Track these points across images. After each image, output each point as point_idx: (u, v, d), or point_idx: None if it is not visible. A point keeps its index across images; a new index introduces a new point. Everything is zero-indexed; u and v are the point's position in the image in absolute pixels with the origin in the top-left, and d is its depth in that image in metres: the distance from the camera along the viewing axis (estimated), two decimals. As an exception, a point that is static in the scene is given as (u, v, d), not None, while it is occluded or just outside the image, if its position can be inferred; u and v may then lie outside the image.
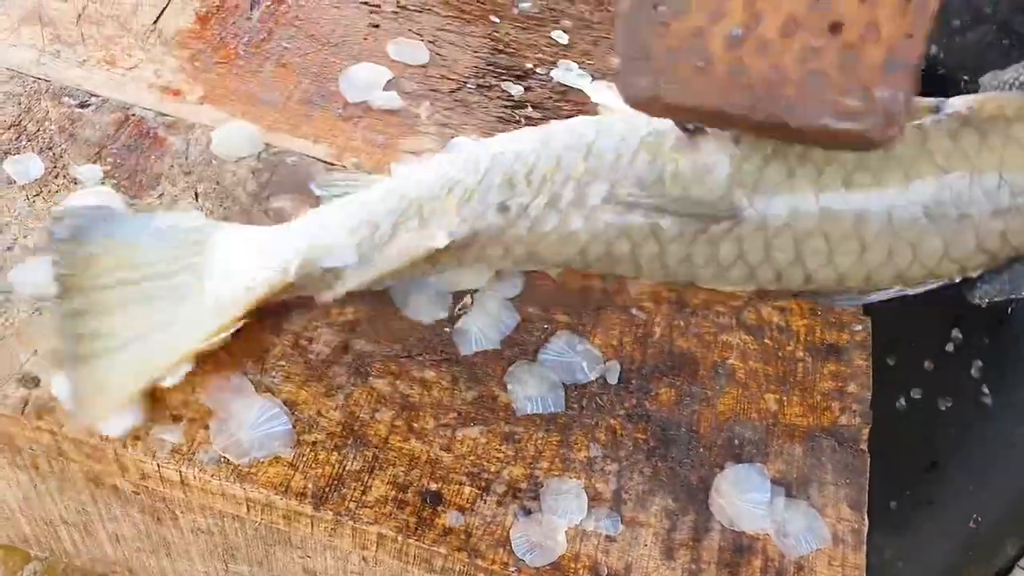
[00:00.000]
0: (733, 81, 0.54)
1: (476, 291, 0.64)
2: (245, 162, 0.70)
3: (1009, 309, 0.81)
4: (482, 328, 0.61)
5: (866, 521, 0.58)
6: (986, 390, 0.86)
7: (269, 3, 0.84)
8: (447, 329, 0.63)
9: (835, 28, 0.52)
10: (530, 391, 0.59)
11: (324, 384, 0.59)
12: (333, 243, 0.59)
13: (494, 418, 0.59)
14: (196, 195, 0.68)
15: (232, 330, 0.58)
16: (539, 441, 0.58)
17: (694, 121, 0.59)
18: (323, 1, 0.85)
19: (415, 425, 0.58)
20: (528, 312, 0.65)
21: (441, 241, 0.58)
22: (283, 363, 0.59)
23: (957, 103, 0.60)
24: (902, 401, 0.80)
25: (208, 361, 0.58)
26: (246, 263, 0.60)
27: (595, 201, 0.59)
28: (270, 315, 0.61)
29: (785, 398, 0.63)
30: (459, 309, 0.63)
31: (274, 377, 0.58)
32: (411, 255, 0.59)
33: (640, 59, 0.55)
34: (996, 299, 0.62)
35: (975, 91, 0.81)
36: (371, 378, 0.59)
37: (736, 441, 0.61)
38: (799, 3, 0.53)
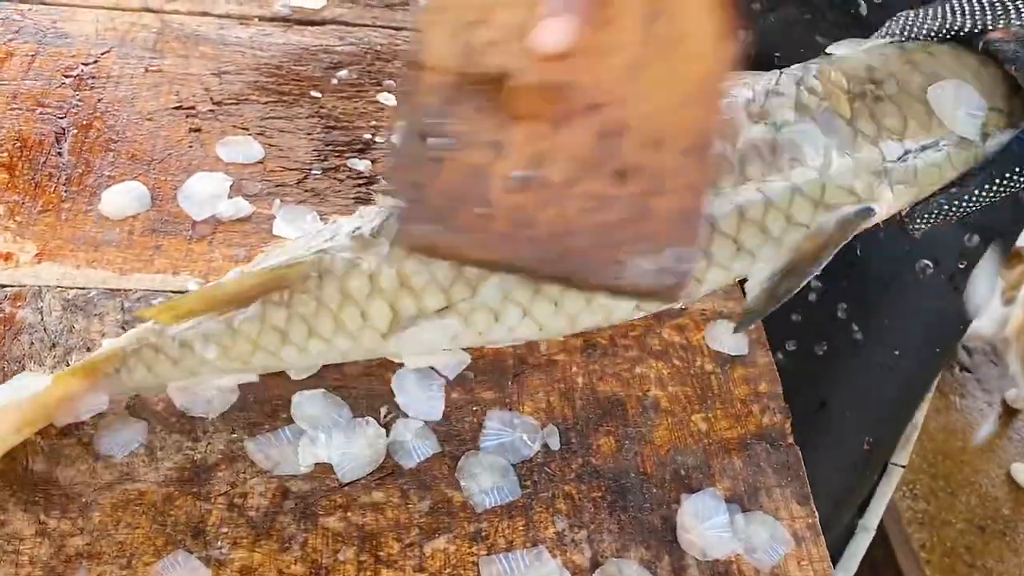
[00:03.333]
0: (518, 231, 0.49)
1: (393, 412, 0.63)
2: (111, 317, 0.65)
3: (858, 250, 0.87)
4: (416, 436, 0.60)
5: (816, 513, 0.62)
6: (855, 327, 0.93)
7: (75, 131, 0.78)
8: (380, 440, 0.61)
9: (622, 176, 0.49)
10: (484, 483, 0.59)
11: (275, 539, 0.56)
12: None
13: (456, 522, 0.58)
14: (68, 366, 0.62)
15: None
16: (506, 531, 0.58)
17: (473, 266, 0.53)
18: (134, 115, 0.80)
19: (381, 554, 0.56)
20: (452, 398, 0.64)
21: None
22: (225, 529, 0.56)
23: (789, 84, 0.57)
24: (780, 356, 0.84)
25: (146, 548, 0.54)
26: None
27: None
28: (194, 482, 0.58)
29: (711, 414, 0.66)
30: (384, 419, 0.62)
31: (220, 547, 0.55)
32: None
33: (415, 200, 0.49)
34: (935, 221, 0.58)
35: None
36: (320, 518, 0.57)
37: (682, 471, 0.63)
38: (583, 143, 0.49)
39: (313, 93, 0.85)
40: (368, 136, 0.82)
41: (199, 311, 0.57)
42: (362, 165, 0.79)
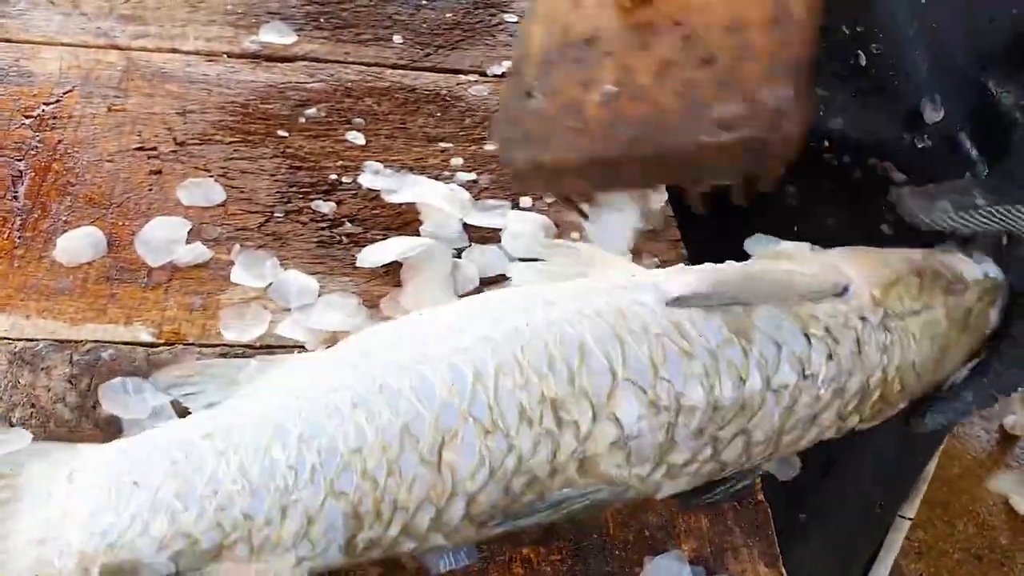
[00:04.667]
0: (612, 130, 0.55)
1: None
2: (58, 371, 0.63)
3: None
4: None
5: (784, 574, 0.60)
6: None
7: (33, 174, 0.76)
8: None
9: (710, 61, 0.55)
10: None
11: (218, 608, 0.54)
12: (143, 553, 0.51)
13: (408, 589, 0.56)
14: (11, 424, 0.60)
15: None
16: (459, 598, 0.56)
17: (577, 183, 0.60)
18: (94, 157, 0.78)
19: (328, 623, 0.54)
20: (408, 456, 0.62)
21: None
22: (165, 598, 0.54)
23: (863, 293, 0.59)
24: None
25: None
26: (44, 541, 0.51)
27: (455, 522, 0.53)
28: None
29: (678, 470, 0.64)
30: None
31: (160, 618, 0.53)
32: None
33: (519, 139, 0.59)
34: (944, 423, 0.63)
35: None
36: (267, 585, 0.55)
37: (646, 532, 0.61)
38: (670, 48, 0.56)
39: (280, 132, 0.84)
40: (334, 176, 0.81)
41: None
42: (327, 207, 0.78)
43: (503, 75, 0.93)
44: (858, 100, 0.78)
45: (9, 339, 0.65)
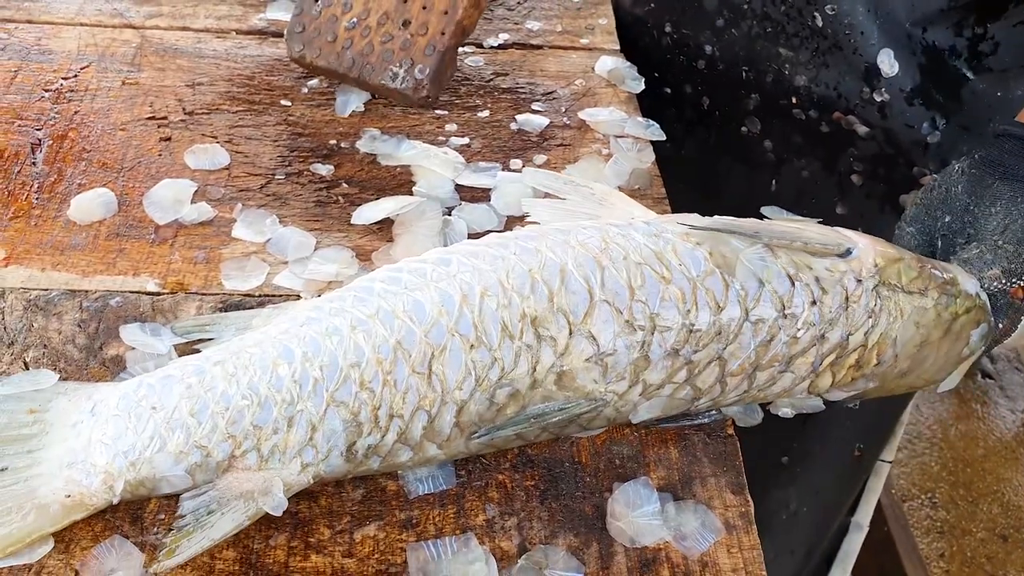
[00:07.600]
0: (344, 51, 0.83)
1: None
2: (69, 316, 0.68)
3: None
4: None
5: (751, 502, 0.62)
6: None
7: (51, 142, 0.81)
8: (319, 432, 0.62)
9: (407, 24, 0.83)
10: (420, 471, 0.60)
11: (210, 525, 0.58)
12: (161, 468, 0.56)
13: (387, 510, 0.59)
14: (26, 365, 0.65)
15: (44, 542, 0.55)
16: (437, 518, 0.59)
17: (322, 77, 0.89)
18: (108, 126, 0.83)
19: (312, 540, 0.58)
20: (393, 392, 0.65)
21: (279, 506, 0.55)
22: (162, 516, 0.58)
23: (867, 259, 0.63)
24: None
25: (84, 534, 0.56)
26: (72, 465, 0.56)
27: (446, 430, 0.58)
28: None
29: (651, 406, 0.67)
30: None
31: (156, 533, 0.57)
32: (247, 521, 0.56)
33: (299, 32, 0.85)
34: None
35: (762, 85, 0.86)
36: (256, 505, 0.59)
37: (617, 461, 0.64)
38: (392, 4, 0.83)
39: (283, 102, 0.88)
40: (333, 142, 0.85)
41: None
42: (325, 170, 0.82)
43: (500, 47, 0.97)
44: (818, 58, 0.82)
45: (25, 289, 0.69)
